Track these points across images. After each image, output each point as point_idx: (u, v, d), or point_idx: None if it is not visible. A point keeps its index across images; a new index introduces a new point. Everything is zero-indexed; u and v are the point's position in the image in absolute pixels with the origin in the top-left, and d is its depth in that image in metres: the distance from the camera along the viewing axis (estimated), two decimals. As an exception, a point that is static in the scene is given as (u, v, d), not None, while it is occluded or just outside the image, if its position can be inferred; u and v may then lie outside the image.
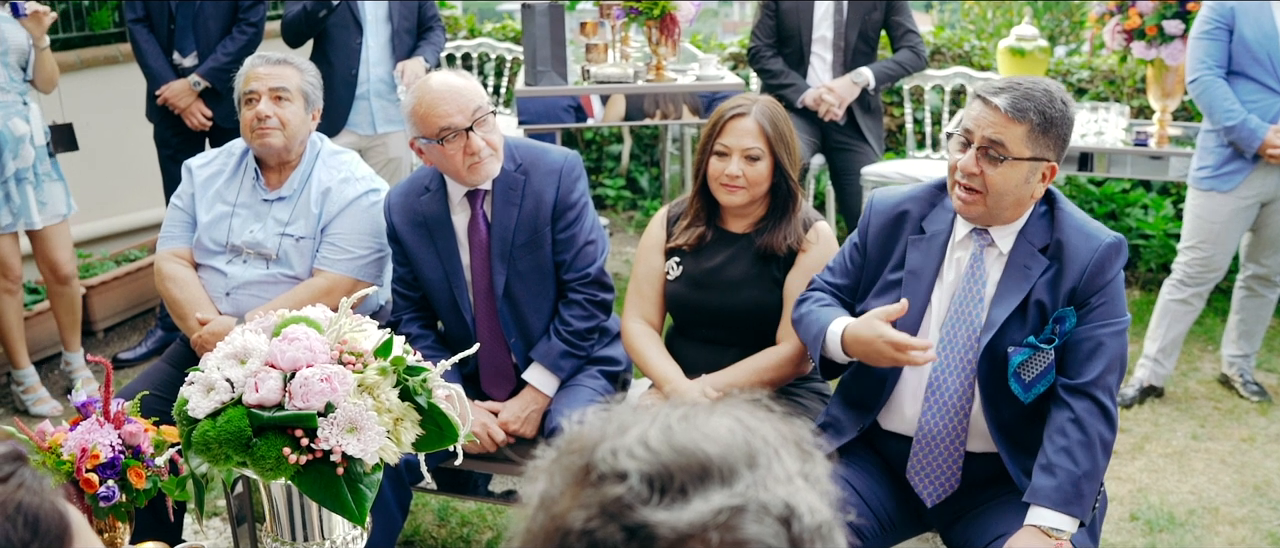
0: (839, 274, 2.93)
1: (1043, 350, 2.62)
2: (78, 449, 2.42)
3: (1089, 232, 2.67)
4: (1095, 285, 2.62)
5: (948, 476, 2.74)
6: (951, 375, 2.70)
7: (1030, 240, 2.67)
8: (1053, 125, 2.59)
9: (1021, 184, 2.61)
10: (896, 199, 2.85)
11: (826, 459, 1.07)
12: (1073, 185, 6.21)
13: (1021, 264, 2.66)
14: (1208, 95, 4.36)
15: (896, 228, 2.82)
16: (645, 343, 3.26)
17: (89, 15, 6.24)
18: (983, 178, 2.60)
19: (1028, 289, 2.64)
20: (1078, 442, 2.58)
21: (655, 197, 7.27)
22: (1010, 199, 2.62)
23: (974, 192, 2.62)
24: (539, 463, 1.07)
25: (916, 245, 2.78)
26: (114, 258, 5.76)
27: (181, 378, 2.42)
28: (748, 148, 3.09)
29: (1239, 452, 4.33)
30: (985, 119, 2.59)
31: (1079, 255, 2.63)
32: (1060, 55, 7.12)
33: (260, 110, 3.39)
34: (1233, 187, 4.39)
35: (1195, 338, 5.20)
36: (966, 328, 2.69)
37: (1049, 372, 2.64)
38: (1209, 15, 4.38)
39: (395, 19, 5.22)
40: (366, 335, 2.37)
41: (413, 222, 3.30)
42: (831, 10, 5.45)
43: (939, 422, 2.71)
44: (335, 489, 2.22)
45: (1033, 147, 2.58)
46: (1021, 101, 2.57)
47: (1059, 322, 2.62)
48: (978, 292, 2.69)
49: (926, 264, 2.75)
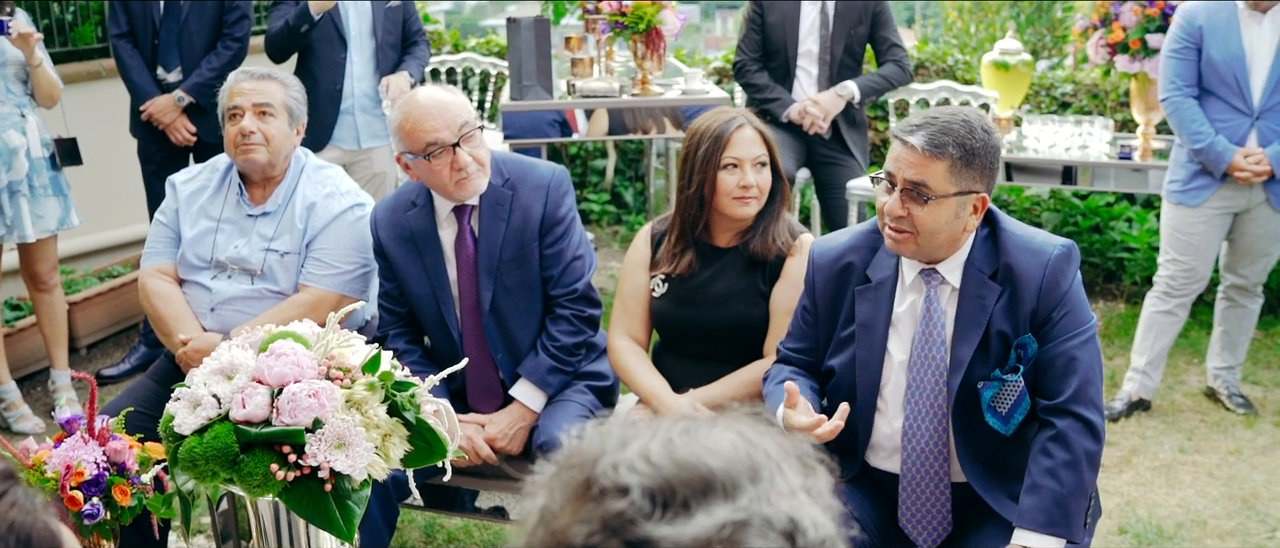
0: (798, 338, 2.88)
1: (1009, 381, 2.58)
2: (62, 467, 2.40)
3: (1036, 247, 2.59)
4: (1053, 300, 2.56)
5: (939, 518, 2.72)
6: (924, 420, 2.66)
7: (979, 268, 2.61)
8: (975, 156, 2.51)
9: (951, 220, 2.54)
10: (836, 251, 2.78)
11: (829, 474, 1.06)
12: (1057, 199, 6.23)
13: (975, 296, 2.60)
14: (1178, 116, 4.39)
15: (842, 280, 2.76)
16: (632, 359, 3.24)
17: (73, 30, 6.22)
18: (910, 219, 2.53)
19: (986, 321, 2.58)
20: (1063, 462, 2.54)
21: (640, 211, 7.27)
22: (942, 236, 2.56)
23: (905, 231, 2.56)
24: (538, 478, 1.06)
25: (864, 296, 2.71)
26: (97, 274, 5.72)
27: (166, 394, 2.40)
28: (757, 156, 3.09)
29: (1226, 464, 4.34)
30: (905, 159, 2.53)
31: (1030, 274, 2.56)
32: (1043, 69, 7.15)
33: (244, 126, 3.37)
34: (1200, 202, 4.42)
35: (1180, 351, 5.22)
36: (933, 371, 2.64)
37: (1023, 399, 2.60)
38: (1177, 35, 4.40)
39: (379, 34, 5.20)
40: (354, 351, 2.35)
41: (399, 237, 3.28)
42: (817, 25, 5.46)
43: (919, 466, 2.69)
44: (323, 506, 2.21)
45: (956, 181, 2.51)
46: (939, 137, 2.49)
47: (1021, 348, 2.58)
48: (938, 333, 2.64)
49: (877, 314, 2.69)
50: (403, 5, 5.30)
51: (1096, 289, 6.08)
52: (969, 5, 8.93)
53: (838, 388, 2.78)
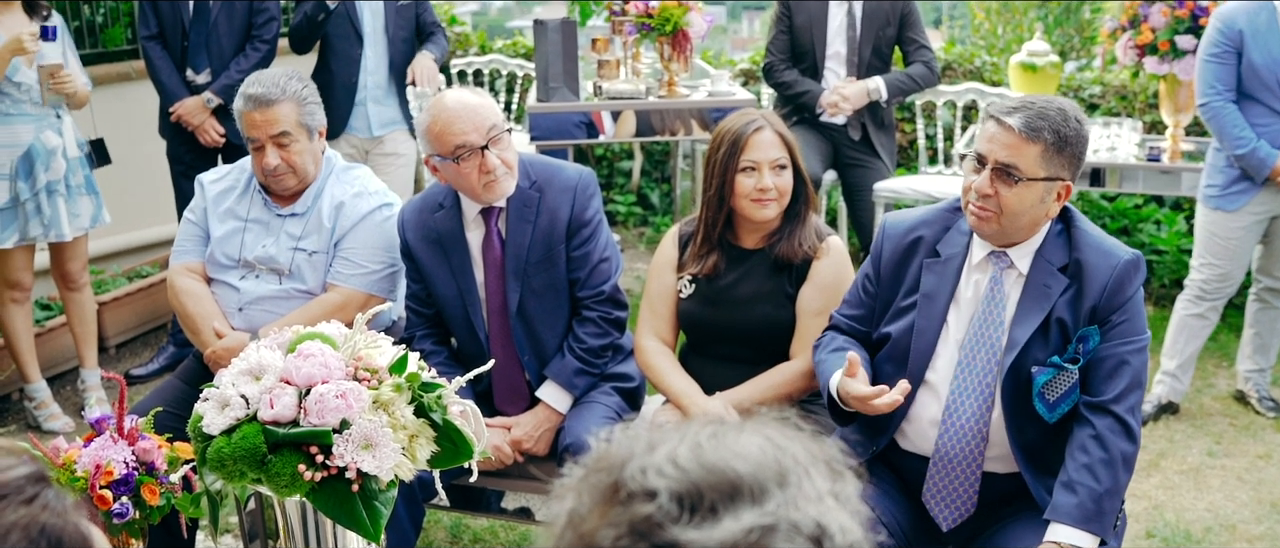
0: (854, 305, 2.92)
1: (1067, 370, 2.61)
2: (92, 466, 2.41)
3: (1107, 249, 2.65)
4: (1116, 303, 2.61)
5: (964, 499, 2.72)
6: (969, 398, 2.68)
7: (1048, 259, 2.65)
8: (1067, 144, 2.57)
9: (1036, 204, 2.59)
10: (909, 223, 2.83)
11: (856, 479, 1.06)
12: (1084, 201, 6.19)
13: (1041, 284, 2.64)
14: (1218, 121, 4.35)
15: (910, 253, 2.80)
16: (660, 360, 3.25)
17: (102, 32, 6.26)
18: (997, 199, 2.58)
19: (1049, 308, 2.62)
20: (1100, 459, 2.56)
21: (666, 213, 7.26)
22: (1025, 219, 2.61)
23: (989, 212, 2.60)
24: (567, 481, 1.06)
25: (931, 268, 2.76)
26: (126, 274, 5.76)
27: (195, 394, 2.41)
28: (775, 159, 3.09)
29: (1255, 468, 4.31)
30: (999, 140, 2.58)
31: (1098, 273, 2.61)
32: (1072, 70, 7.11)
33: (268, 164, 3.36)
34: (1238, 206, 4.38)
35: (1210, 354, 5.18)
36: (986, 350, 2.67)
37: (1073, 391, 2.62)
38: (1217, 38, 4.35)
39: (391, 29, 5.30)
40: (381, 352, 2.36)
41: (427, 238, 3.29)
42: (845, 26, 5.45)
43: (956, 444, 2.69)
44: (350, 506, 2.22)
45: (1047, 167, 2.56)
46: (1035, 121, 2.55)
47: (1083, 341, 2.61)
48: (997, 314, 2.67)
49: (941, 287, 2.73)
50: (414, 2, 5.37)
51: (1125, 292, 6.04)
52: (996, 6, 8.89)
53: (890, 357, 2.81)
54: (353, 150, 5.34)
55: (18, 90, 4.41)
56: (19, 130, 4.44)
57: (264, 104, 3.34)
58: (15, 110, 4.43)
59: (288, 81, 3.39)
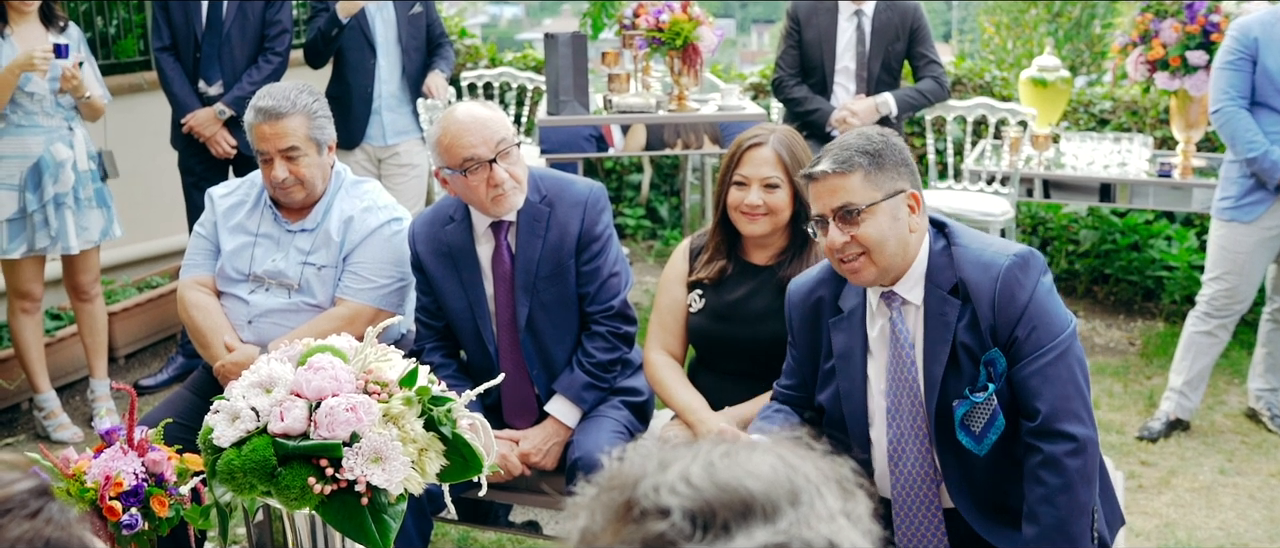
0: (789, 375, 2.88)
1: (979, 400, 2.52)
2: (101, 477, 2.41)
3: (985, 261, 2.53)
4: (1011, 316, 2.49)
5: (936, 542, 2.69)
6: (907, 443, 2.64)
7: (937, 284, 2.57)
8: (883, 158, 2.52)
9: (892, 224, 2.52)
10: (808, 286, 2.78)
11: (868, 498, 1.06)
12: (1095, 216, 6.18)
13: (938, 313, 2.56)
14: (1230, 127, 4.35)
15: (815, 315, 2.75)
16: (668, 374, 3.25)
17: (115, 43, 6.29)
18: (855, 241, 2.52)
19: (950, 337, 2.54)
20: (1055, 487, 2.47)
21: (675, 227, 7.27)
22: (892, 244, 2.53)
23: (856, 257, 2.54)
24: (579, 499, 1.06)
25: (837, 327, 2.70)
26: (136, 284, 5.78)
27: (205, 406, 2.41)
28: (766, 177, 3.09)
29: (1268, 487, 4.29)
30: (822, 190, 2.54)
31: (982, 290, 2.51)
32: (1082, 86, 7.11)
33: (276, 177, 3.36)
34: (1254, 217, 4.37)
35: (1221, 371, 5.16)
36: (908, 394, 2.61)
37: (996, 418, 2.52)
38: (1232, 45, 4.36)
39: (404, 39, 5.40)
40: (391, 365, 2.36)
41: (437, 251, 3.29)
42: (854, 41, 5.45)
43: (909, 489, 2.66)
44: (359, 519, 2.21)
45: (878, 187, 2.51)
46: (841, 154, 2.52)
47: (990, 365, 2.52)
48: (908, 355, 2.61)
49: (852, 344, 2.67)
50: (425, 11, 5.47)
51: (1135, 307, 6.03)
52: (1006, 21, 8.90)
53: (831, 424, 2.76)
54: (365, 158, 5.37)
55: (30, 101, 4.42)
56: (29, 142, 4.45)
57: (274, 117, 3.34)
58: (27, 122, 4.45)
59: (298, 95, 3.39)
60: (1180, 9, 5.02)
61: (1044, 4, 8.75)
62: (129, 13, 6.36)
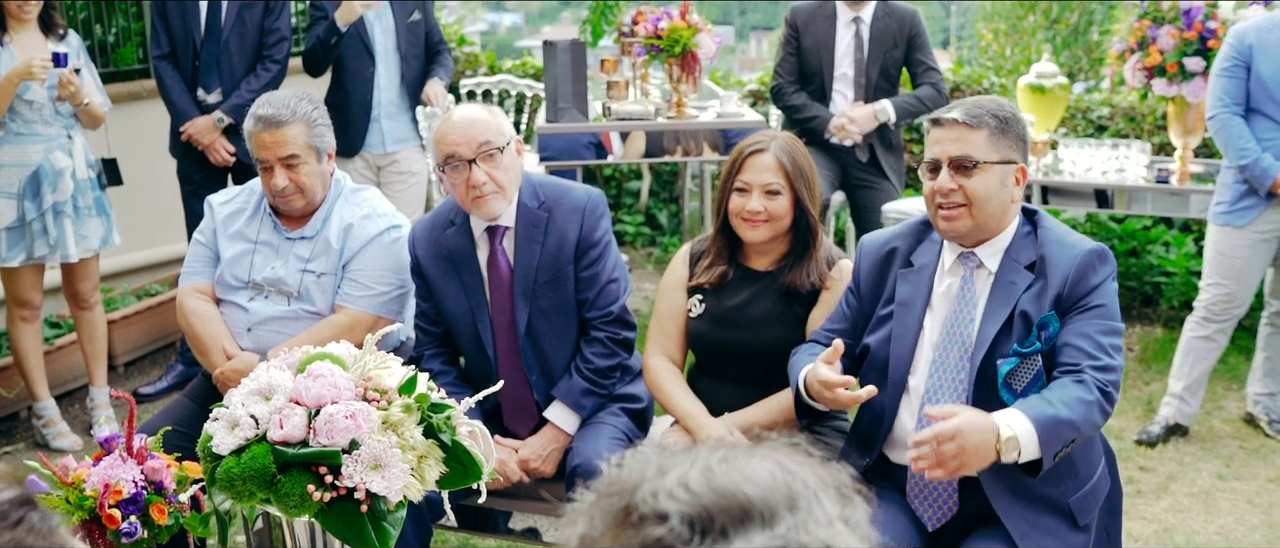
0: (836, 321, 2.96)
1: (1028, 357, 2.61)
2: (101, 485, 2.42)
3: (1069, 242, 2.68)
4: (1080, 290, 2.61)
5: (945, 499, 2.72)
6: (944, 397, 2.69)
7: (1016, 259, 2.69)
8: (1009, 126, 2.65)
9: (1000, 188, 2.65)
10: (884, 238, 2.91)
11: (866, 503, 1.06)
12: (1093, 222, 6.19)
13: (1007, 281, 2.68)
14: (1224, 132, 4.37)
15: (886, 265, 2.86)
16: (668, 380, 3.25)
17: (114, 51, 6.30)
18: (962, 191, 2.64)
19: (1013, 303, 2.65)
20: (1076, 398, 2.50)
21: (674, 233, 7.27)
22: (993, 205, 2.65)
23: (957, 206, 2.65)
24: (578, 505, 1.07)
25: (905, 278, 2.81)
26: (135, 292, 5.78)
27: (204, 414, 2.42)
28: (767, 184, 3.10)
29: (1266, 492, 4.29)
30: (946, 137, 2.66)
31: (1059, 265, 2.64)
32: (1079, 92, 7.12)
33: (275, 185, 3.37)
34: (1246, 222, 4.39)
35: (1219, 376, 5.16)
36: (958, 349, 2.69)
37: (1038, 378, 2.61)
38: (1228, 53, 4.38)
39: (403, 47, 5.41)
40: (391, 372, 2.36)
41: (437, 256, 3.30)
42: (852, 48, 5.46)
43: None
44: (359, 527, 2.22)
45: (997, 149, 2.64)
46: (974, 109, 2.65)
47: (1043, 327, 2.61)
48: (969, 313, 2.71)
49: (916, 294, 2.78)
50: (424, 18, 5.49)
51: (1134, 313, 6.04)
52: (1004, 28, 8.91)
53: (871, 367, 2.83)
54: (365, 166, 5.38)
55: (29, 109, 4.43)
56: (29, 150, 4.46)
57: (273, 125, 3.34)
58: (26, 130, 4.45)
59: (298, 103, 3.39)
60: (1177, 15, 5.03)
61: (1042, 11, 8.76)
62: (128, 21, 6.37)
